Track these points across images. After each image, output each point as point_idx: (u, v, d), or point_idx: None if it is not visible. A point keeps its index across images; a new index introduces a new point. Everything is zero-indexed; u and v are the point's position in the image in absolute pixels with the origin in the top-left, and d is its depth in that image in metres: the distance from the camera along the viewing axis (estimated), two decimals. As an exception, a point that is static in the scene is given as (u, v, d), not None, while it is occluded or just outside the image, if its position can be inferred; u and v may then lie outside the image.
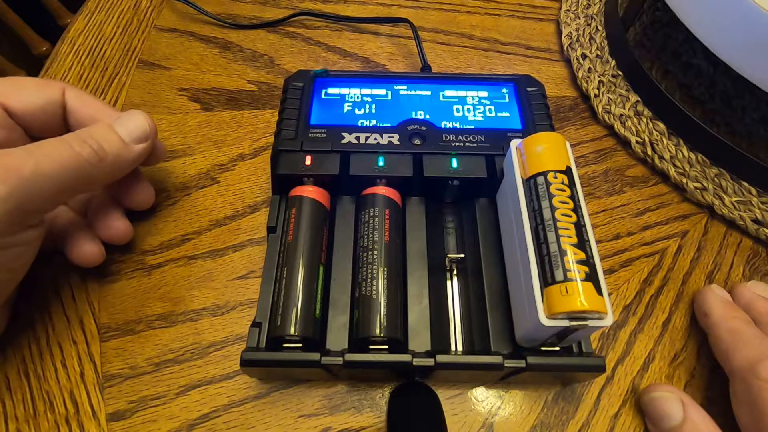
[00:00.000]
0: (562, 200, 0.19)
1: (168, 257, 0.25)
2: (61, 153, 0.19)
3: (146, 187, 0.25)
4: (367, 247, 0.21)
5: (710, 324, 0.22)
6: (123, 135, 0.21)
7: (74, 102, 0.22)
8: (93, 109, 0.23)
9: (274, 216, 0.23)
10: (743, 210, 0.27)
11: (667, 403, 0.20)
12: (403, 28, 0.36)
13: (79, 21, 0.36)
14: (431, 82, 0.28)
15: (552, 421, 0.22)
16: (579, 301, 0.17)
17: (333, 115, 0.25)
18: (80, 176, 0.19)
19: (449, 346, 0.21)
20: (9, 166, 0.17)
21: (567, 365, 0.20)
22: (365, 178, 0.23)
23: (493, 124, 0.25)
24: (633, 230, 0.27)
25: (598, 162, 0.30)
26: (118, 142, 0.21)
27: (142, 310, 0.24)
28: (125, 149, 0.21)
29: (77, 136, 0.20)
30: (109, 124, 0.21)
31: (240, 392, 0.22)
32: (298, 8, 0.37)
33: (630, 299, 0.25)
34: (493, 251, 0.23)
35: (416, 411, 0.20)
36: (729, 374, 0.21)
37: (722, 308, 0.22)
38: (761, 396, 0.18)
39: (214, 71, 0.33)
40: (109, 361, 0.22)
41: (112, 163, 0.21)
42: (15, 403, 0.21)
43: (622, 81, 0.32)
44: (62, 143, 0.19)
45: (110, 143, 0.20)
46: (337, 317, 0.21)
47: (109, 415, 0.21)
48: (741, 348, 0.20)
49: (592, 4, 0.37)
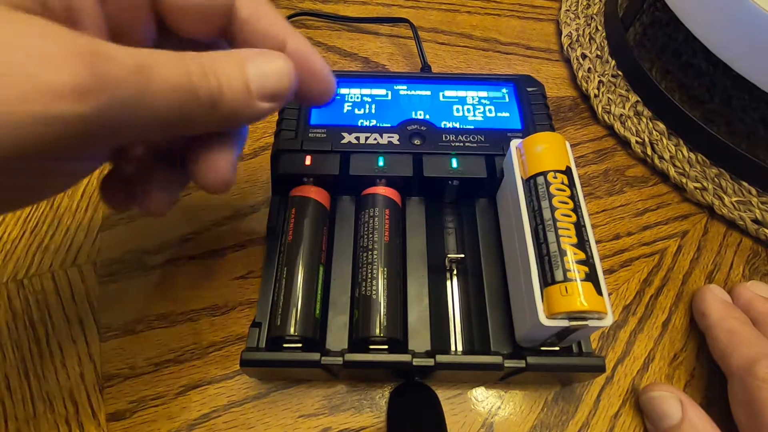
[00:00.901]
0: (561, 200, 0.19)
1: (168, 257, 0.25)
2: (178, 80, 0.13)
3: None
4: (367, 247, 0.21)
5: (708, 324, 0.22)
6: (253, 84, 0.15)
7: (247, 10, 0.16)
8: (265, 24, 0.16)
9: (274, 216, 0.23)
10: (743, 210, 0.27)
11: (665, 403, 0.20)
12: (403, 28, 0.36)
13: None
14: (431, 82, 0.28)
15: (552, 421, 0.22)
16: (579, 301, 0.17)
17: (333, 115, 0.25)
18: (183, 118, 0.14)
19: (449, 346, 0.21)
20: (110, 75, 0.11)
21: (567, 365, 0.20)
22: (365, 178, 0.23)
23: (493, 124, 0.25)
24: (633, 230, 0.27)
25: (598, 162, 0.30)
26: (243, 91, 0.15)
27: (142, 310, 0.24)
28: (247, 103, 0.15)
29: (201, 65, 0.14)
30: (241, 61, 0.15)
31: (240, 392, 0.22)
32: (298, 8, 0.37)
33: (630, 299, 0.25)
34: (493, 251, 0.23)
35: (416, 411, 0.20)
36: (727, 374, 0.21)
37: (720, 308, 0.22)
38: (759, 395, 0.18)
39: (214, 71, 0.33)
40: (109, 361, 0.22)
41: (224, 116, 0.15)
42: (15, 404, 0.21)
43: (622, 81, 0.32)
44: (181, 65, 0.13)
45: (234, 90, 0.14)
46: (337, 317, 0.21)
47: (109, 415, 0.21)
48: (739, 348, 0.20)
49: (592, 4, 0.37)
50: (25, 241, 0.26)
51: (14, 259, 0.25)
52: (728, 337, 0.21)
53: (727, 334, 0.21)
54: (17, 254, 0.26)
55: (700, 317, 0.23)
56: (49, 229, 0.26)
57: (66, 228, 0.26)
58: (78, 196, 0.28)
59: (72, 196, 0.28)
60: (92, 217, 0.27)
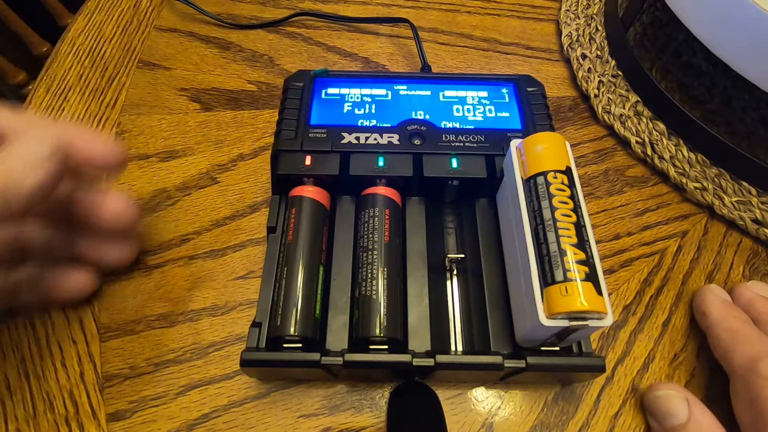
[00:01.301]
0: (562, 200, 0.19)
1: (168, 257, 0.25)
2: None
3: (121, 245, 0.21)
4: (367, 247, 0.21)
5: (709, 324, 0.22)
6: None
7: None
8: None
9: (274, 216, 0.23)
10: (743, 210, 0.27)
11: (672, 401, 0.20)
12: (403, 28, 0.36)
13: (79, 21, 0.36)
14: (431, 82, 0.28)
15: (552, 421, 0.22)
16: (579, 301, 0.17)
17: (333, 115, 0.25)
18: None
19: (449, 346, 0.21)
20: None
21: (567, 365, 0.20)
22: (365, 178, 0.23)
23: (493, 124, 0.25)
24: (633, 230, 0.27)
25: (598, 162, 0.30)
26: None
27: (142, 310, 0.24)
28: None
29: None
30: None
31: (240, 392, 0.22)
32: (298, 8, 0.37)
33: (630, 299, 0.25)
34: (493, 251, 0.23)
35: (416, 411, 0.20)
36: (729, 373, 0.21)
37: (721, 308, 0.22)
38: (762, 394, 0.18)
39: (214, 71, 0.33)
40: (109, 361, 0.22)
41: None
42: (15, 403, 0.21)
43: (622, 81, 0.32)
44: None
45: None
46: (337, 317, 0.21)
47: (109, 415, 0.21)
48: (741, 347, 0.20)
49: (592, 4, 0.37)
50: (25, 241, 0.26)
51: (14, 259, 0.25)
52: (730, 336, 0.21)
53: (728, 333, 0.21)
54: (17, 254, 0.25)
55: (701, 317, 0.23)
56: (49, 229, 0.26)
57: (66, 228, 0.26)
58: (78, 196, 0.28)
59: (72, 196, 0.28)
60: (92, 217, 0.27)
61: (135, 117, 0.31)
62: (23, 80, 0.61)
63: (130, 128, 0.30)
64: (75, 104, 0.31)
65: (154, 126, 0.30)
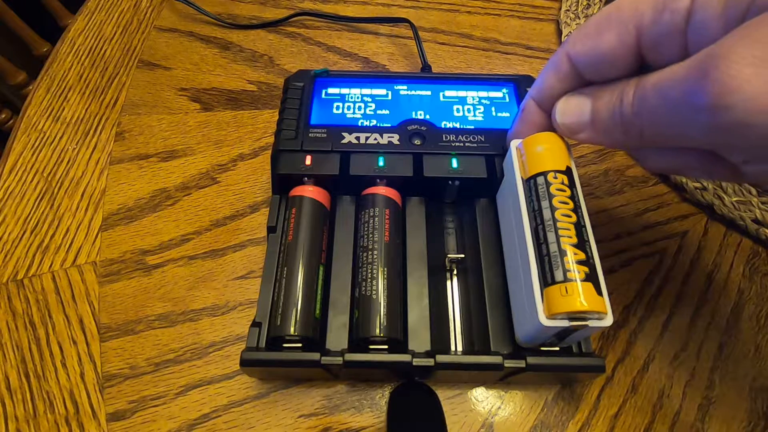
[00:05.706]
0: (562, 200, 0.19)
1: (168, 257, 0.25)
2: None
3: None
4: (367, 247, 0.21)
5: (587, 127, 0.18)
6: None
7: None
8: None
9: (274, 216, 0.23)
10: (743, 210, 0.27)
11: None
12: (403, 28, 0.36)
13: (79, 21, 0.36)
14: (431, 82, 0.27)
15: (552, 421, 0.22)
16: (579, 302, 0.17)
17: (333, 115, 0.25)
18: None
19: (449, 346, 0.21)
20: None
21: (567, 365, 0.20)
22: (365, 178, 0.23)
23: (493, 124, 0.25)
24: (633, 230, 0.27)
25: (598, 162, 0.30)
26: None
27: (142, 310, 0.24)
28: None
29: None
30: None
31: (240, 392, 0.22)
32: (298, 8, 0.37)
33: (630, 299, 0.25)
34: (493, 251, 0.23)
35: (416, 411, 0.20)
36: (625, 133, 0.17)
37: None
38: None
39: (214, 71, 0.33)
40: (109, 361, 0.22)
41: None
42: (15, 403, 0.21)
43: (622, 81, 0.32)
44: None
45: None
46: (337, 317, 0.21)
47: (109, 415, 0.21)
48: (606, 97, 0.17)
49: (592, 4, 0.37)
50: (25, 241, 0.26)
51: (14, 259, 0.25)
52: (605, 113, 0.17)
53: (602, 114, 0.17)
54: (17, 254, 0.26)
55: (576, 131, 0.19)
56: (49, 229, 0.26)
57: (66, 228, 0.26)
58: (78, 197, 0.28)
59: (72, 196, 0.28)
60: (92, 217, 0.27)
61: (135, 117, 0.31)
62: (23, 80, 0.61)
63: (130, 128, 0.30)
64: (75, 104, 0.31)
65: (154, 126, 0.30)
